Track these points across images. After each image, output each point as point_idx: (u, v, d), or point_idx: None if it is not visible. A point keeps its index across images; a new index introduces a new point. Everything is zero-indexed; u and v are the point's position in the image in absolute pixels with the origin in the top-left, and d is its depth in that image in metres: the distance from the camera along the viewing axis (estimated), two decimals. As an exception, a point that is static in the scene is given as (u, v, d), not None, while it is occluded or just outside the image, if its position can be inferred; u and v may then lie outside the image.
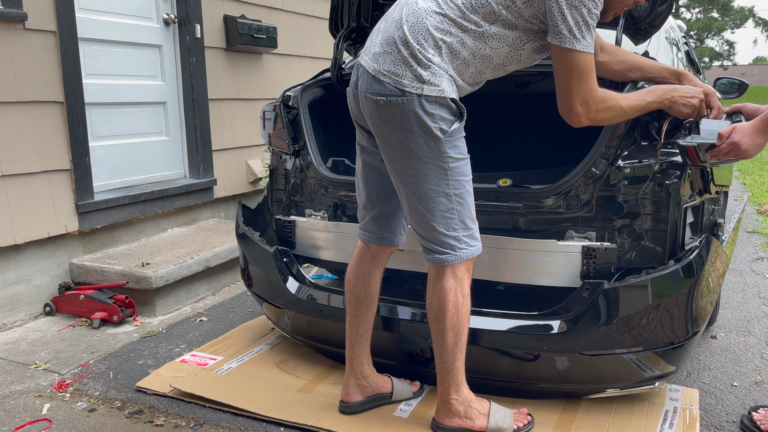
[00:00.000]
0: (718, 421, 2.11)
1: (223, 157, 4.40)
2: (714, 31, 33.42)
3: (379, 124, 1.79)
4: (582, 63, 1.69)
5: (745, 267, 3.87)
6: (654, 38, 2.42)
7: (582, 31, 1.66)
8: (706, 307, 2.04)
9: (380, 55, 1.77)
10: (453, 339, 1.86)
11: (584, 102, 1.73)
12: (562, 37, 1.67)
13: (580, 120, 1.76)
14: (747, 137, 1.80)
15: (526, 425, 1.97)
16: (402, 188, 1.85)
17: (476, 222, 1.87)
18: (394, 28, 1.77)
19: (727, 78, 3.90)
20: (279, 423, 2.08)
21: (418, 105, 1.72)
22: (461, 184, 1.81)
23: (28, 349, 2.73)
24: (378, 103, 1.76)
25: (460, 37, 1.73)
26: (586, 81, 1.71)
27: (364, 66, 1.81)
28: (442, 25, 1.72)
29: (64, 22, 3.17)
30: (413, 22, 1.73)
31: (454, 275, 1.84)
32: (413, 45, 1.71)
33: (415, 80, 1.71)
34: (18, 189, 3.02)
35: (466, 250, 1.84)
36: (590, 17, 1.66)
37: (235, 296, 3.48)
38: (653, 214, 1.95)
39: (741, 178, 7.51)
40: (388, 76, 1.74)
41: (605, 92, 1.77)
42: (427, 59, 1.71)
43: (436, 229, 1.81)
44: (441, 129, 1.74)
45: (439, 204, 1.79)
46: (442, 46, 1.72)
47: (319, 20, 5.40)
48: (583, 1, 1.64)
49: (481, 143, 3.08)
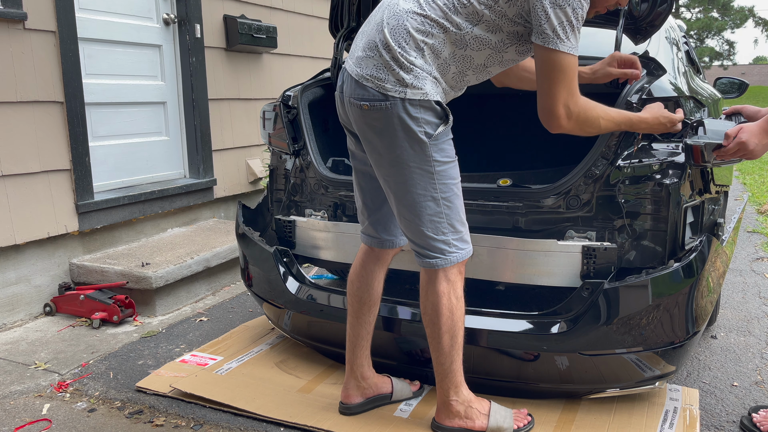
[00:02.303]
0: (718, 421, 2.11)
1: (223, 157, 4.40)
2: (714, 30, 33.40)
3: (365, 129, 1.78)
4: (566, 64, 1.65)
5: (745, 267, 3.87)
6: (654, 38, 2.42)
7: (566, 31, 1.63)
8: (707, 307, 2.04)
9: (363, 59, 1.75)
10: (449, 341, 1.86)
11: (566, 105, 1.69)
12: (546, 37, 1.63)
13: (560, 124, 1.72)
14: (755, 137, 1.80)
15: (526, 425, 1.97)
16: (390, 193, 1.84)
17: (466, 225, 1.86)
18: (376, 32, 1.74)
19: (727, 78, 3.90)
20: (279, 423, 2.08)
21: (402, 109, 1.70)
22: (449, 187, 1.79)
23: (28, 349, 2.73)
24: (362, 108, 1.74)
25: (441, 38, 1.70)
26: (569, 83, 1.68)
27: (348, 71, 1.79)
28: (423, 26, 1.69)
29: (64, 22, 3.17)
30: (394, 24, 1.71)
31: (447, 278, 1.84)
32: (394, 48, 1.69)
33: (397, 84, 1.69)
34: (18, 189, 3.02)
35: (456, 254, 1.83)
36: (575, 17, 1.63)
37: (235, 296, 3.48)
38: (653, 213, 1.94)
39: (741, 177, 7.51)
40: (371, 81, 1.72)
41: (587, 101, 1.74)
42: (410, 62, 1.69)
43: (425, 233, 1.80)
44: (426, 132, 1.72)
45: (427, 208, 1.78)
46: (424, 48, 1.70)
47: (319, 20, 5.40)
48: (568, 1, 1.60)
49: (481, 143, 3.08)
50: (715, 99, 3.04)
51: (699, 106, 2.24)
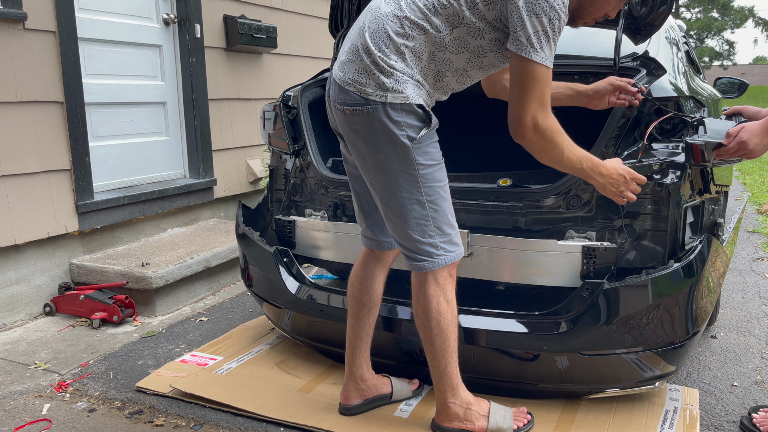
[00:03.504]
0: (718, 421, 2.11)
1: (223, 157, 4.40)
2: (714, 30, 33.39)
3: (349, 134, 1.78)
4: (538, 75, 1.62)
5: (746, 267, 3.87)
6: (654, 38, 2.42)
7: (541, 41, 1.59)
8: (707, 307, 2.04)
9: (345, 63, 1.75)
10: (441, 344, 1.85)
11: (534, 117, 1.64)
12: (520, 44, 1.61)
13: (525, 134, 1.66)
14: (756, 136, 1.81)
15: (526, 425, 1.97)
16: (376, 197, 1.84)
17: (455, 227, 1.84)
18: (357, 36, 1.75)
19: (727, 78, 3.90)
20: (279, 423, 2.08)
21: (383, 113, 1.69)
22: (434, 190, 1.77)
23: (28, 349, 2.73)
24: (345, 113, 1.75)
25: (421, 40, 1.69)
26: (541, 95, 1.64)
27: (333, 75, 1.80)
28: (403, 29, 1.68)
29: (64, 22, 3.17)
30: (374, 28, 1.71)
31: (436, 281, 1.83)
32: (374, 52, 1.69)
33: (378, 88, 1.69)
34: (18, 189, 3.02)
35: (444, 256, 1.82)
36: (551, 28, 1.59)
37: (235, 296, 3.48)
38: (653, 213, 1.95)
39: (741, 177, 7.51)
40: (353, 85, 1.72)
41: (558, 126, 1.69)
42: (390, 66, 1.68)
43: (412, 236, 1.80)
44: (408, 136, 1.71)
45: (413, 212, 1.77)
46: (405, 51, 1.69)
47: (319, 20, 5.40)
48: (545, 10, 1.57)
49: (481, 143, 3.08)
50: (715, 99, 3.04)
51: (699, 106, 2.24)
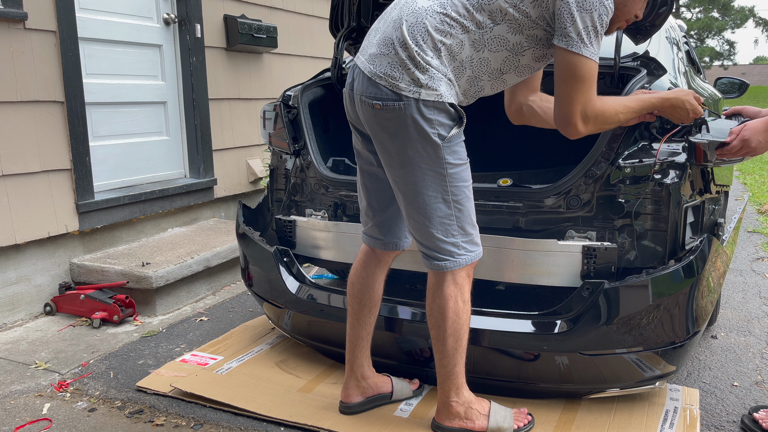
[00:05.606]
0: (718, 420, 2.11)
1: (224, 157, 4.40)
2: (714, 30, 33.38)
3: (376, 129, 1.76)
4: (586, 70, 1.66)
5: (746, 267, 3.87)
6: (654, 38, 2.42)
7: (590, 36, 1.63)
8: (707, 307, 2.04)
9: (377, 56, 1.72)
10: (453, 344, 1.85)
11: (583, 111, 1.69)
12: (570, 40, 1.63)
13: (579, 130, 1.72)
14: (758, 134, 1.82)
15: (526, 425, 1.97)
16: (400, 194, 1.82)
17: (476, 227, 1.85)
18: (392, 29, 1.71)
19: (728, 78, 3.90)
20: (279, 423, 2.08)
21: (416, 110, 1.67)
22: (460, 189, 1.77)
23: (28, 349, 2.73)
24: (374, 108, 1.72)
25: (460, 38, 1.68)
26: (588, 89, 1.68)
27: (360, 67, 1.76)
28: (443, 25, 1.67)
29: (65, 21, 3.17)
30: (412, 22, 1.68)
31: (455, 281, 1.82)
32: (411, 47, 1.66)
33: (412, 84, 1.67)
34: (18, 189, 3.02)
35: (465, 256, 1.81)
36: (599, 24, 1.63)
37: (236, 296, 3.48)
38: (653, 213, 1.95)
39: (741, 177, 7.50)
40: (385, 79, 1.69)
41: (603, 101, 1.74)
42: (426, 62, 1.67)
43: (435, 235, 1.79)
44: (439, 135, 1.70)
45: (438, 210, 1.77)
46: (441, 48, 1.68)
47: (319, 20, 5.40)
48: (595, 6, 1.61)
49: (481, 143, 3.08)
50: (715, 99, 3.04)
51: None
